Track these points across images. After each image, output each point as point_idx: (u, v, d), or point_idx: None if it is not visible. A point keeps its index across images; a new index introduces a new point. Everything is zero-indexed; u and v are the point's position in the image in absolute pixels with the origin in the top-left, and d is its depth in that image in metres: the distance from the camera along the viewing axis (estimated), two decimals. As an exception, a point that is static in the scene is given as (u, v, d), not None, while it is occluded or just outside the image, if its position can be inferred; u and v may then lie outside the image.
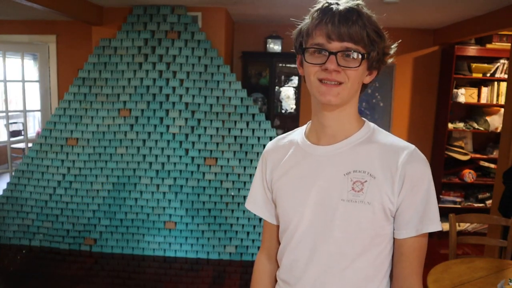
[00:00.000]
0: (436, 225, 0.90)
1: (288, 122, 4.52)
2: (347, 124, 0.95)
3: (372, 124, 0.99)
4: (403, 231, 0.90)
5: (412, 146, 0.92)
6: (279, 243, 1.06)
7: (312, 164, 0.96)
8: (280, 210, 1.02)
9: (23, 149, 5.71)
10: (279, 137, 1.09)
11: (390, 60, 0.95)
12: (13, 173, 3.86)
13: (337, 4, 0.86)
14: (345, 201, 0.90)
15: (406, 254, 0.92)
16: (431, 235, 0.95)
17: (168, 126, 3.60)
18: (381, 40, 0.89)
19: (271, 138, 3.54)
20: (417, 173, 0.89)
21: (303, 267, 0.96)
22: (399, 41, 0.96)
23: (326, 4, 0.87)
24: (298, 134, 1.04)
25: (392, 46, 0.93)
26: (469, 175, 4.23)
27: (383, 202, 0.88)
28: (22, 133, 6.24)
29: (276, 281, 1.08)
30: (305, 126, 1.05)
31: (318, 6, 0.88)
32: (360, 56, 0.86)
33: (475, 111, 4.39)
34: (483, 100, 4.23)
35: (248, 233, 3.57)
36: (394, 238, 0.94)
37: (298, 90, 4.32)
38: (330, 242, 0.92)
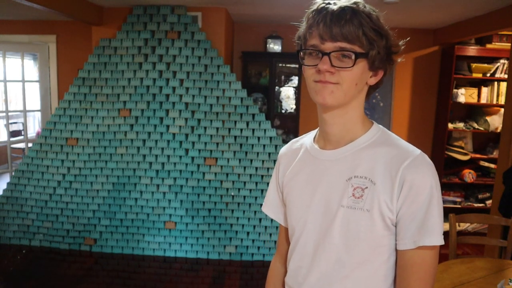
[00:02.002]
0: (435, 238, 0.82)
1: (288, 122, 4.52)
2: (351, 128, 0.92)
3: (380, 127, 0.94)
4: (401, 242, 0.85)
5: (418, 151, 0.87)
6: None
7: (317, 169, 0.94)
8: (288, 214, 1.02)
9: (23, 149, 5.72)
10: (293, 140, 1.09)
11: (399, 60, 0.91)
12: (13, 173, 3.86)
13: (333, 4, 0.84)
14: (344, 207, 0.87)
15: (403, 268, 0.85)
16: None
17: (168, 126, 3.60)
18: (382, 38, 0.85)
19: (271, 138, 3.54)
20: (418, 179, 0.82)
21: (305, 273, 0.94)
22: (407, 39, 0.93)
23: (323, 5, 0.85)
24: (308, 138, 1.03)
25: (400, 43, 0.90)
26: (469, 175, 4.23)
27: (381, 210, 0.84)
28: (22, 133, 6.25)
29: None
30: (316, 130, 1.03)
31: (314, 7, 0.86)
32: (353, 56, 0.82)
33: (475, 111, 4.39)
34: (483, 100, 4.23)
35: (248, 233, 3.57)
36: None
37: (298, 90, 4.32)
38: (330, 249, 0.90)
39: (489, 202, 4.23)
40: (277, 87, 4.37)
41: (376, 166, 0.87)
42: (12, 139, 4.71)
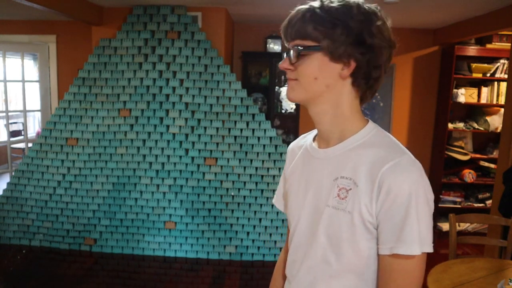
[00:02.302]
0: (411, 248, 0.78)
1: (288, 122, 4.53)
2: (338, 127, 0.91)
3: (374, 127, 0.91)
4: (380, 246, 0.83)
5: (405, 155, 0.83)
6: None
7: (312, 167, 0.96)
8: (287, 209, 1.04)
9: (23, 149, 5.72)
10: (302, 135, 1.11)
11: (373, 42, 0.82)
12: (13, 173, 3.86)
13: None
14: (330, 207, 0.87)
15: (383, 273, 0.84)
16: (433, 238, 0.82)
17: (168, 126, 3.60)
18: (336, 28, 0.81)
19: (271, 138, 3.54)
20: (395, 184, 0.79)
21: (298, 267, 0.97)
22: (381, 22, 0.84)
23: (291, 13, 0.89)
24: (311, 135, 1.05)
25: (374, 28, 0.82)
26: (469, 175, 4.23)
27: (362, 213, 0.82)
28: (22, 133, 6.25)
29: None
30: None
31: None
32: (298, 50, 0.85)
33: (475, 111, 4.39)
34: (483, 100, 4.23)
35: (248, 233, 3.57)
36: None
37: (298, 90, 4.31)
38: (317, 247, 0.90)
39: (489, 202, 4.23)
40: (277, 87, 4.37)
41: (361, 168, 0.84)
42: (12, 139, 4.71)
